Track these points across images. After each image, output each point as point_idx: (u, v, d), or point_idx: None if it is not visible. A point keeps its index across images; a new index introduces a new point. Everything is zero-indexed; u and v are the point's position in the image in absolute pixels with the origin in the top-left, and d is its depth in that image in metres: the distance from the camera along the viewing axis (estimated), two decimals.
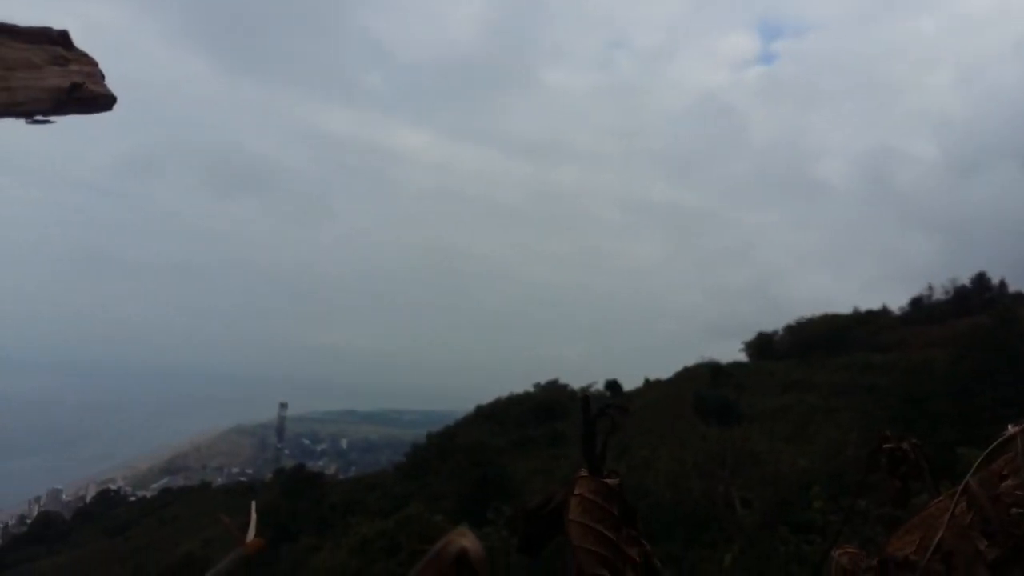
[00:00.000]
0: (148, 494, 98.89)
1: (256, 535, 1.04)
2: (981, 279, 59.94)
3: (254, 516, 1.05)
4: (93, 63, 1.18)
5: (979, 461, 0.91)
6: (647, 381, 62.88)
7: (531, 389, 64.85)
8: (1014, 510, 0.84)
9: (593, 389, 61.02)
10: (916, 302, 62.31)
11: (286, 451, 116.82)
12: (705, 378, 53.44)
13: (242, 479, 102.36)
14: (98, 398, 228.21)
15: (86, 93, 1.15)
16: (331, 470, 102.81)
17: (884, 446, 1.38)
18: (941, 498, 0.91)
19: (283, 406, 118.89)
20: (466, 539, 0.89)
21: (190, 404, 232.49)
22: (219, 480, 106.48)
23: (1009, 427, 0.90)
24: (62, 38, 1.20)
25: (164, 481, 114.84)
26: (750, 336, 64.95)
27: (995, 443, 0.90)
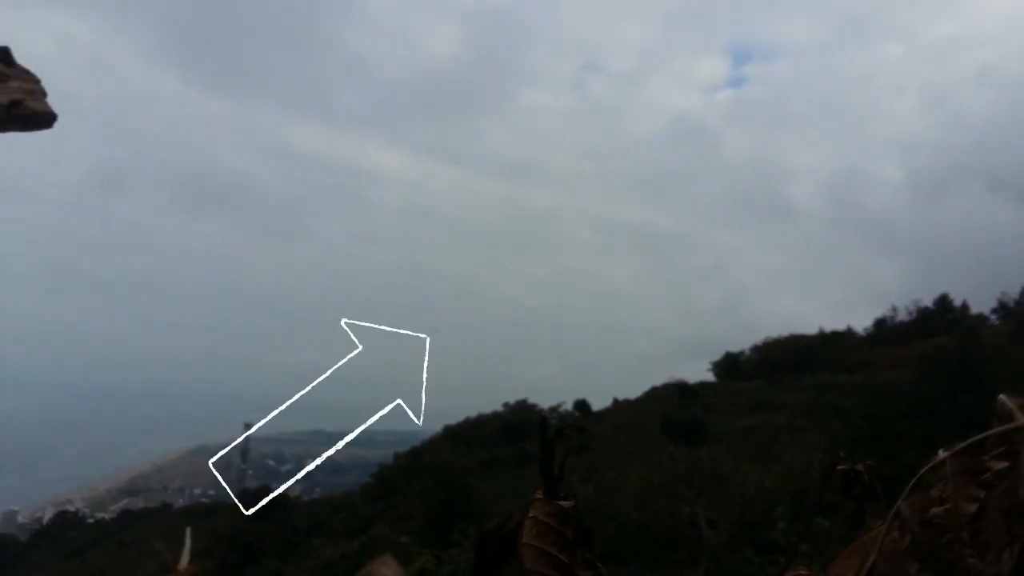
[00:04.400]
0: (107, 516, 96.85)
1: (191, 561, 1.00)
2: (943, 301, 60.99)
3: (188, 542, 1.02)
4: (35, 80, 1.15)
5: (910, 485, 0.92)
6: (616, 401, 63.01)
7: (500, 409, 64.67)
8: (948, 535, 0.84)
9: (562, 409, 60.96)
10: (880, 323, 63.27)
11: (250, 472, 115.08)
12: (673, 398, 53.68)
13: (204, 501, 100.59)
14: (59, 417, 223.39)
15: (26, 111, 1.12)
16: (296, 491, 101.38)
17: (838, 467, 1.38)
18: (880, 523, 0.91)
19: (247, 426, 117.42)
20: (388, 568, 0.87)
21: (153, 424, 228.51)
22: (181, 502, 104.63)
23: (940, 451, 0.91)
24: (2, 54, 1.17)
25: (124, 503, 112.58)
26: (720, 356, 65.52)
27: (926, 467, 0.91)
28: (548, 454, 1.21)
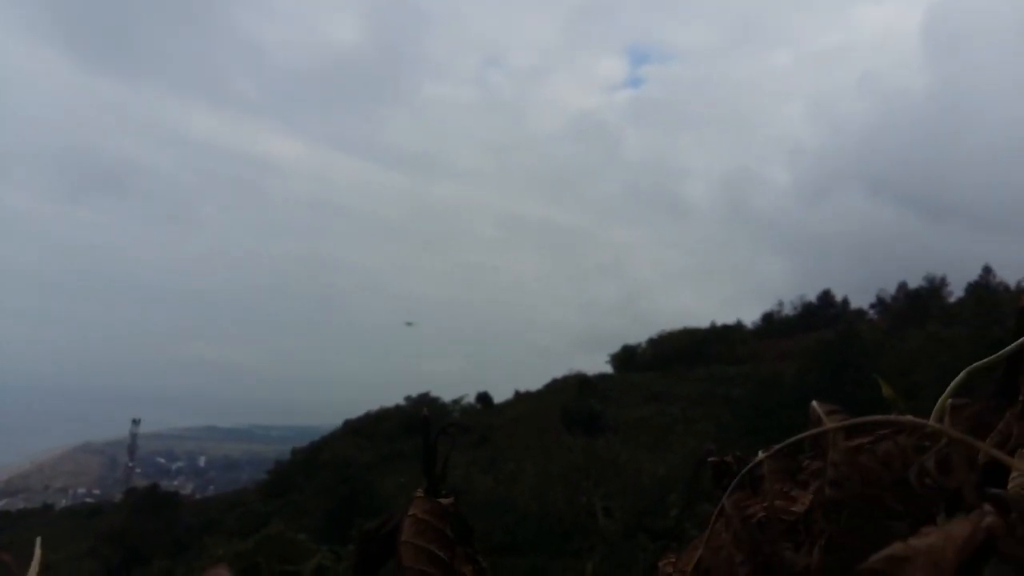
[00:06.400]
0: None
1: (40, 573, 0.94)
2: (826, 296, 64.22)
3: (38, 553, 0.96)
4: None
5: (733, 484, 0.99)
6: (517, 393, 63.51)
7: (402, 403, 64.30)
8: (769, 531, 0.91)
9: (465, 402, 61.20)
10: (767, 317, 66.02)
11: (138, 470, 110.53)
12: (573, 390, 54.49)
13: (89, 500, 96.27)
14: None
15: None
16: (187, 489, 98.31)
17: (709, 460, 1.45)
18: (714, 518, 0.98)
19: (135, 422, 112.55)
20: None
21: (33, 421, 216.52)
22: (63, 502, 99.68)
23: (760, 452, 0.98)
24: None
25: (1, 504, 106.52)
26: (618, 348, 67.01)
27: (747, 467, 0.98)
28: (431, 452, 1.22)
